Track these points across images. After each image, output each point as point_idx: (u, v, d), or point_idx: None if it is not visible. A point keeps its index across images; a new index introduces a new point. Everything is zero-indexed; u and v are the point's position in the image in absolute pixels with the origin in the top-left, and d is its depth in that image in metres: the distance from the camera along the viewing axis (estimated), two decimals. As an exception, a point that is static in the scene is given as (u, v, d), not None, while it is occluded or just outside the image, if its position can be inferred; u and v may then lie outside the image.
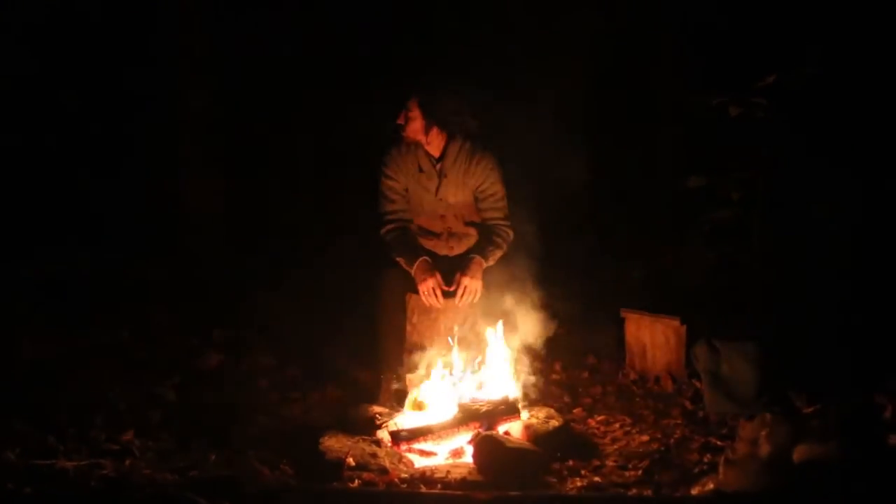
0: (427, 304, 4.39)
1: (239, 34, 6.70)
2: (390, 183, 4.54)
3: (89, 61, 6.66)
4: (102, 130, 6.70)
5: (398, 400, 4.37)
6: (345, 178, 6.51)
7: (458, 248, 4.64)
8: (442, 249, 4.64)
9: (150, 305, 5.73)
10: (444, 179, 4.52)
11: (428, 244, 4.63)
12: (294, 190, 7.11)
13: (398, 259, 4.47)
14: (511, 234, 4.56)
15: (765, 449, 3.31)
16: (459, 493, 3.33)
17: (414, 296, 4.47)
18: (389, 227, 4.55)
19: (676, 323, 4.85)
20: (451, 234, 4.63)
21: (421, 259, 4.42)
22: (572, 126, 5.66)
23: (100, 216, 6.53)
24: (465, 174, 4.51)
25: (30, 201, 6.40)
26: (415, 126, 4.43)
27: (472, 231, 4.64)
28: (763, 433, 3.36)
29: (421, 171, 4.53)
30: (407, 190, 4.58)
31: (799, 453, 3.27)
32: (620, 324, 5.20)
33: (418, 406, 4.24)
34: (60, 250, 6.09)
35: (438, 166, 4.52)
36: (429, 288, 4.36)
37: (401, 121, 4.44)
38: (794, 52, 4.62)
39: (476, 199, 4.58)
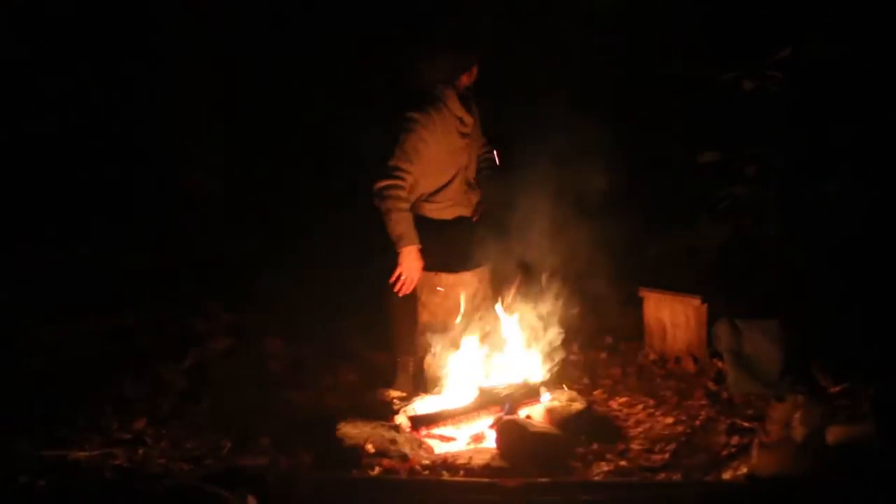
0: (395, 286, 4.18)
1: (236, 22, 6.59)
2: (420, 146, 4.13)
3: (86, 50, 6.54)
4: (99, 118, 6.58)
5: (416, 383, 4.29)
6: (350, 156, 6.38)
7: (474, 196, 4.49)
8: (468, 208, 4.47)
9: (155, 291, 5.62)
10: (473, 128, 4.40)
11: (458, 210, 4.42)
12: (299, 170, 6.98)
13: (396, 227, 4.11)
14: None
15: (799, 431, 3.23)
16: (486, 480, 3.23)
17: (422, 273, 4.26)
18: (398, 190, 4.11)
19: (697, 302, 4.73)
20: (470, 186, 4.47)
21: (418, 246, 4.17)
22: (583, 103, 5.52)
23: (102, 203, 6.42)
24: (476, 120, 4.44)
25: (29, 191, 6.29)
26: (470, 80, 4.34)
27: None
28: (796, 415, 3.28)
29: (463, 124, 4.29)
30: (429, 159, 4.25)
31: (833, 435, 3.19)
32: (638, 303, 5.08)
33: (437, 389, 4.15)
34: (62, 239, 5.99)
35: (470, 119, 4.34)
36: (410, 280, 4.18)
37: (465, 80, 4.31)
38: (809, 25, 4.52)
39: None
